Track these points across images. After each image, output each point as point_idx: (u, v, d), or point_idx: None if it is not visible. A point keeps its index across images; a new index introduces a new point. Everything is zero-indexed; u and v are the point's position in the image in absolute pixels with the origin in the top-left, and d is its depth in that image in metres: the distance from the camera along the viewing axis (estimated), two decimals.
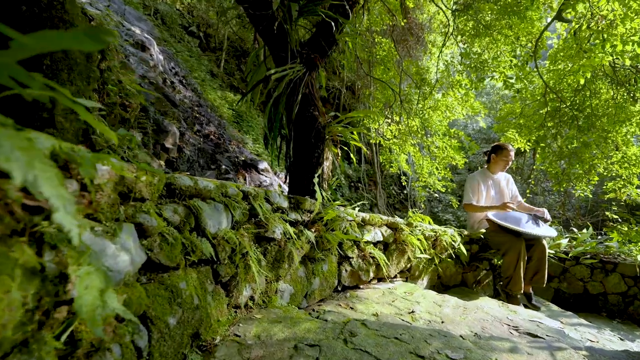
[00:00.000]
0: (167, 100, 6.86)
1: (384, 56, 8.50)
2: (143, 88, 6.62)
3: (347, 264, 2.00)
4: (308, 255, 1.70)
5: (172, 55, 9.25)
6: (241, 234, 1.17)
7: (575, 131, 6.64)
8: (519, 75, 6.73)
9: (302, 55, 3.15)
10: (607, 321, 3.28)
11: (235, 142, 8.03)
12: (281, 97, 3.06)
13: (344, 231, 1.88)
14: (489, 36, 6.88)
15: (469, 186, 3.07)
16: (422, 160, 7.98)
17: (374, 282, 2.23)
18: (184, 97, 7.90)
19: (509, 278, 2.75)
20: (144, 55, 7.42)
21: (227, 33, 12.48)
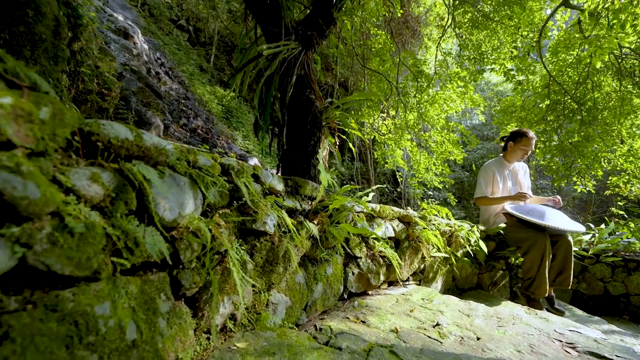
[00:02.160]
0: (151, 91, 6.41)
1: (380, 49, 8.20)
2: (125, 76, 6.14)
3: (354, 265, 1.64)
4: (309, 255, 1.34)
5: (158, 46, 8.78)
6: (217, 224, 0.80)
7: (577, 125, 6.42)
8: (520, 67, 6.49)
9: (298, 32, 2.78)
10: (634, 326, 3.00)
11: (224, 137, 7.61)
12: (274, 77, 2.69)
13: (352, 224, 1.52)
14: (488, 27, 6.63)
15: (483, 178, 2.75)
16: (419, 156, 7.69)
17: (384, 286, 1.88)
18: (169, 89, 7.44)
19: (532, 279, 2.43)
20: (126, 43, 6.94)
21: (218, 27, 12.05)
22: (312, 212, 1.33)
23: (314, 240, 1.29)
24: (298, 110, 2.84)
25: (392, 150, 7.92)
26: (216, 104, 9.12)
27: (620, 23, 3.33)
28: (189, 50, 10.79)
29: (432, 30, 9.71)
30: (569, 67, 6.55)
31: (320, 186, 1.29)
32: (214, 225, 0.76)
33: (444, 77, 7.13)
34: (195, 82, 9.26)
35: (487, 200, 2.72)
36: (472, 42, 6.92)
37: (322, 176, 1.27)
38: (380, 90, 7.94)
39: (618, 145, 5.84)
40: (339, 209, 1.39)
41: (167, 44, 9.54)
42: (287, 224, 1.03)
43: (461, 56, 7.09)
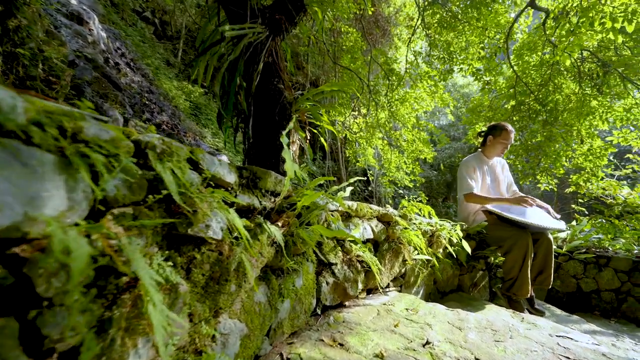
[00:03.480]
0: (109, 82, 5.83)
1: (351, 47, 8.07)
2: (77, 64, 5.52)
3: (328, 273, 1.38)
4: (272, 266, 1.07)
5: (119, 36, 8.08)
6: (118, 232, 0.51)
7: (540, 125, 6.61)
8: (487, 68, 6.59)
9: (265, 16, 2.51)
10: (606, 322, 2.99)
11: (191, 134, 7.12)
12: (238, 62, 2.40)
13: (326, 225, 1.27)
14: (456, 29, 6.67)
15: (465, 172, 2.59)
16: (390, 154, 7.61)
17: (363, 295, 1.64)
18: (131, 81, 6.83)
19: (513, 280, 2.30)
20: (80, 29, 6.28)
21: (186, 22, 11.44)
22: (275, 211, 1.06)
23: (279, 246, 1.02)
24: (265, 100, 2.58)
25: (363, 148, 7.80)
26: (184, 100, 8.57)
27: (589, 21, 3.36)
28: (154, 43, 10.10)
29: (402, 31, 9.74)
30: (532, 69, 6.74)
31: (286, 179, 1.02)
32: (102, 234, 0.47)
33: (414, 77, 7.11)
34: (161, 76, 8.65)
35: (478, 198, 2.52)
36: (441, 42, 6.95)
37: (287, 165, 1.00)
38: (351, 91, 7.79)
39: (578, 144, 6.05)
40: (309, 206, 1.13)
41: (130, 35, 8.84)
42: (238, 229, 0.75)
43: (431, 56, 7.10)
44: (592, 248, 3.29)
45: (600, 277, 3.20)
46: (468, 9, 6.45)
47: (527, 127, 6.88)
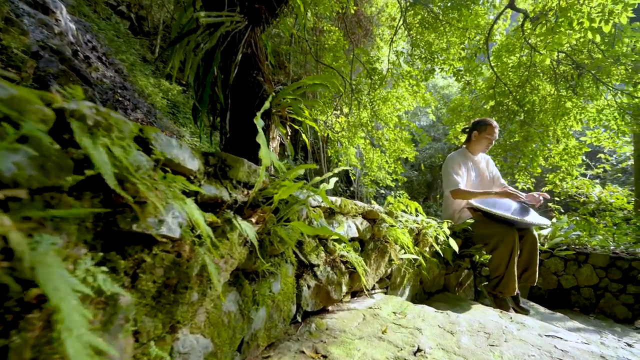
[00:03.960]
0: (78, 76, 5.46)
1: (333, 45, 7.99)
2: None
3: (310, 276, 1.25)
4: (245, 268, 0.93)
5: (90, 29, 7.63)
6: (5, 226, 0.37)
7: (517, 125, 6.74)
8: (468, 68, 6.65)
9: (244, 4, 2.37)
10: (586, 318, 3.01)
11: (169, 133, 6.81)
12: (215, 52, 2.24)
13: (307, 223, 1.14)
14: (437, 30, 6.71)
15: (451, 168, 2.53)
16: (372, 153, 7.57)
17: (347, 298, 1.52)
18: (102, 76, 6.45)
19: (499, 278, 2.25)
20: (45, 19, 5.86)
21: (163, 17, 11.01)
22: (249, 205, 0.92)
23: (252, 246, 0.89)
24: (244, 93, 2.43)
25: (345, 148, 7.72)
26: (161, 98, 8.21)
27: (568, 21, 3.40)
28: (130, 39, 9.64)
29: (384, 31, 9.75)
30: (510, 70, 6.87)
31: (261, 168, 0.89)
32: None
33: (396, 76, 7.10)
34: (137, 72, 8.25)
35: (464, 194, 2.45)
36: (423, 42, 6.97)
37: (262, 152, 0.87)
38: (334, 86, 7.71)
39: (554, 144, 6.19)
40: (287, 201, 1.00)
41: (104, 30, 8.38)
42: (200, 226, 0.61)
43: (412, 55, 7.11)
44: (572, 245, 3.32)
45: (579, 273, 3.23)
46: (449, 10, 6.51)
47: (506, 128, 7.00)
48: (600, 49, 5.45)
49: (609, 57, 5.40)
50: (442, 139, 12.77)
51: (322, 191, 0.98)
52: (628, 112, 5.67)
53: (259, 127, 0.87)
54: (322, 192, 0.98)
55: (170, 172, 0.67)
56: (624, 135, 6.09)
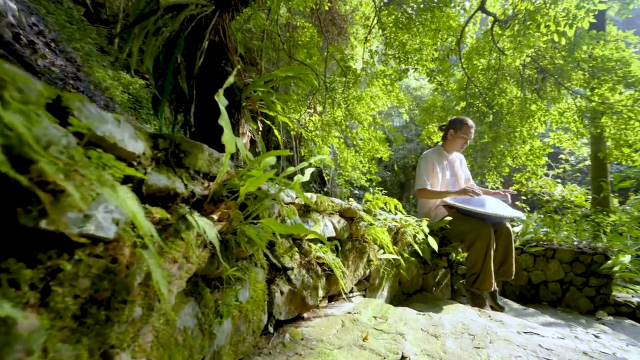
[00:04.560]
0: (19, 62, 4.97)
1: (307, 42, 7.88)
2: None
3: (283, 280, 1.13)
4: (206, 274, 0.79)
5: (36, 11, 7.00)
6: None
7: (487, 127, 6.95)
8: (440, 69, 6.77)
9: None
10: (554, 311, 3.08)
11: None
12: (178, 37, 2.07)
13: (279, 221, 1.01)
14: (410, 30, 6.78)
15: (424, 168, 2.50)
16: (346, 153, 7.53)
17: (324, 303, 1.41)
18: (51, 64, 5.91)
19: (476, 274, 2.23)
20: None
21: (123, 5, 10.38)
22: (210, 199, 0.78)
23: (213, 248, 0.75)
24: (210, 84, 2.26)
25: (319, 147, 7.63)
26: (121, 92, 7.68)
27: (536, 23, 3.51)
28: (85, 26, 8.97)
29: (358, 30, 9.77)
30: (480, 73, 7.07)
31: (224, 156, 0.75)
32: None
33: (370, 75, 7.10)
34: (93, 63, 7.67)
35: (428, 193, 2.47)
36: (397, 42, 7.02)
37: (226, 137, 0.73)
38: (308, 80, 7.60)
39: (521, 145, 6.43)
40: (256, 195, 0.87)
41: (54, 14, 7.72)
42: (141, 224, 0.47)
43: (387, 55, 7.14)
44: (541, 241, 3.40)
45: (547, 268, 3.32)
46: (422, 12, 6.59)
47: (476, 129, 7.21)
48: (562, 54, 5.71)
49: (569, 63, 5.67)
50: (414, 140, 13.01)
51: (296, 184, 0.86)
52: (586, 114, 6.00)
53: (221, 105, 0.74)
54: (297, 186, 0.85)
55: (101, 153, 0.52)
56: (582, 137, 6.44)
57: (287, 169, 0.89)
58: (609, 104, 5.44)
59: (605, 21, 6.52)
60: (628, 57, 5.06)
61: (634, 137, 5.41)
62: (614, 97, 5.40)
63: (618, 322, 3.12)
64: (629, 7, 6.97)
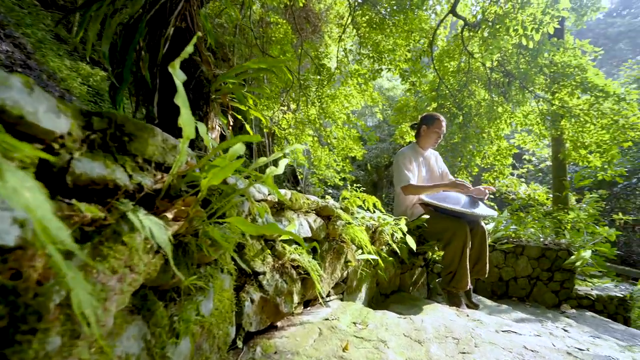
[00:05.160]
0: None
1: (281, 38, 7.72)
2: None
3: (254, 287, 1.00)
4: (159, 285, 0.65)
5: None
6: None
7: (457, 127, 7.13)
8: (413, 69, 6.86)
9: None
10: (523, 306, 3.16)
11: None
12: (140, 21, 1.88)
13: (250, 220, 0.89)
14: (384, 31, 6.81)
15: (403, 163, 2.44)
16: (320, 151, 7.44)
17: (299, 309, 1.30)
18: None
19: (453, 273, 2.21)
20: None
21: None
22: (164, 195, 0.65)
23: (165, 255, 0.61)
24: None
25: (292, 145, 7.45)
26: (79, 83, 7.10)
27: (505, 27, 3.60)
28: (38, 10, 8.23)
29: (332, 28, 9.72)
30: (450, 75, 7.25)
31: (181, 142, 0.62)
32: None
33: (345, 74, 7.07)
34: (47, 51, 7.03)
35: (415, 189, 2.37)
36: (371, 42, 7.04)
37: (183, 118, 0.60)
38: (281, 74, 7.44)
39: (489, 145, 6.65)
40: (222, 191, 0.74)
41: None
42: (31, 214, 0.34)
43: (361, 54, 7.14)
44: (511, 238, 3.48)
45: (517, 265, 3.40)
46: (395, 13, 6.64)
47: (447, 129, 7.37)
48: (526, 59, 5.96)
49: (533, 68, 5.92)
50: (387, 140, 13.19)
51: (268, 178, 0.74)
52: (547, 117, 6.30)
53: (177, 79, 0.60)
54: (269, 180, 0.73)
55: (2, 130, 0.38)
56: (544, 139, 6.77)
57: (257, 160, 0.77)
58: (568, 107, 5.73)
59: (564, 30, 6.89)
60: (585, 64, 5.35)
61: (590, 140, 5.73)
62: (572, 101, 5.69)
63: (580, 315, 3.26)
64: (583, 18, 7.40)
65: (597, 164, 5.55)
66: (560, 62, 5.44)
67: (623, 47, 25.19)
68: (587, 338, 1.69)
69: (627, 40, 25.75)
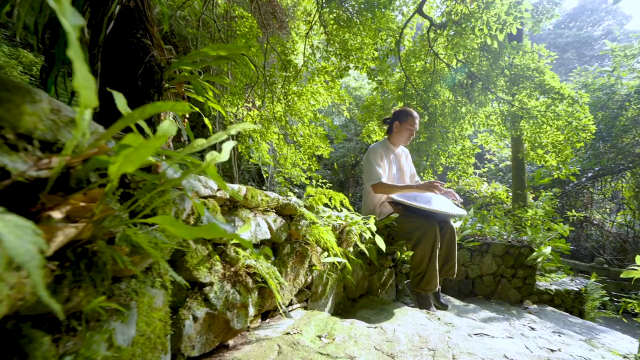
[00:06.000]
0: None
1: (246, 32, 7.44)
2: None
3: (197, 301, 0.83)
4: (45, 314, 0.47)
5: None
6: None
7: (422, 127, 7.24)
8: (380, 68, 6.88)
9: None
10: (489, 304, 3.19)
11: None
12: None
13: (193, 221, 0.71)
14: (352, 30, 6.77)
15: (374, 160, 2.34)
16: (285, 149, 7.26)
17: (256, 323, 1.13)
18: None
19: (422, 274, 2.13)
20: None
21: None
22: (52, 186, 0.46)
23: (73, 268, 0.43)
24: (122, 56, 1.84)
25: (257, 143, 7.25)
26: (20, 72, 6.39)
27: (471, 26, 3.64)
28: None
29: (299, 25, 9.56)
30: (416, 75, 7.35)
31: (78, 111, 0.44)
32: None
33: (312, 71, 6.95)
34: None
35: (385, 188, 2.27)
36: (338, 39, 6.97)
37: (78, 78, 0.43)
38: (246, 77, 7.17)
39: (453, 145, 6.81)
40: (145, 182, 0.57)
41: None
42: None
43: (328, 51, 7.05)
44: (477, 236, 3.52)
45: (482, 262, 3.43)
46: (363, 11, 6.62)
47: None
48: (488, 61, 6.15)
49: (494, 69, 6.13)
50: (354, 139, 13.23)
51: (209, 165, 0.57)
52: (508, 118, 6.55)
53: (66, 23, 0.42)
54: (211, 168, 0.57)
55: None
56: (505, 139, 7.05)
57: (193, 142, 0.60)
58: (527, 109, 5.98)
59: (523, 34, 7.22)
60: (542, 67, 5.60)
61: (546, 140, 6.02)
62: (531, 102, 5.95)
63: (542, 310, 3.35)
64: (540, 25, 7.81)
65: (553, 163, 5.84)
66: (520, 64, 5.66)
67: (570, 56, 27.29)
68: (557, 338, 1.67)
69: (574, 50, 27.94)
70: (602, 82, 8.93)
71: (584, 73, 9.47)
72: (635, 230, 9.31)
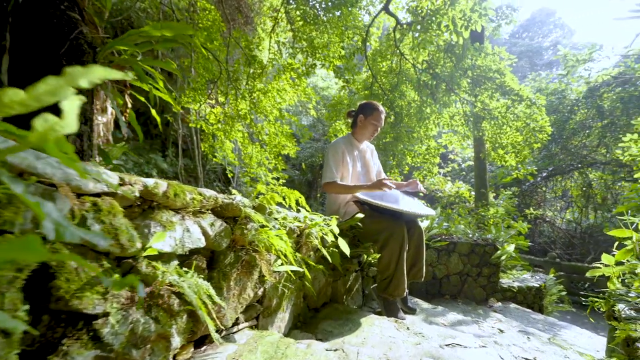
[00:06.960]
0: None
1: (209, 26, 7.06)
2: None
3: (80, 342, 0.58)
4: None
5: None
6: None
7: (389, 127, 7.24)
8: (347, 67, 6.79)
9: None
10: (455, 304, 3.13)
11: None
12: None
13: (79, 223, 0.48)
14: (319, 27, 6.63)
15: (332, 158, 2.17)
16: (250, 148, 6.96)
17: (186, 353, 0.90)
18: None
19: (389, 279, 1.98)
20: None
21: None
22: None
23: None
24: (40, 30, 1.53)
25: (221, 142, 6.89)
26: None
27: (437, 22, 3.60)
28: None
29: (265, 21, 9.28)
30: (383, 75, 7.35)
31: None
32: None
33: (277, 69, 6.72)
34: None
35: (337, 188, 2.14)
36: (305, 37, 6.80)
37: None
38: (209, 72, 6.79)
39: (419, 145, 6.85)
40: None
41: None
42: None
43: (294, 48, 6.86)
44: (443, 235, 3.46)
45: (449, 262, 3.38)
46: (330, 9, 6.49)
47: None
48: (452, 62, 6.25)
49: (458, 70, 6.24)
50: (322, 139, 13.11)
51: (45, 135, 0.35)
52: (470, 119, 6.70)
53: None
54: (50, 144, 0.34)
55: None
56: (468, 139, 7.21)
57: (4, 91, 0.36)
58: (488, 109, 6.12)
59: (484, 37, 7.43)
60: (503, 69, 5.76)
61: (506, 141, 6.20)
62: (492, 103, 6.10)
63: (506, 307, 3.35)
64: (499, 29, 8.10)
65: (512, 163, 6.03)
66: (482, 65, 5.77)
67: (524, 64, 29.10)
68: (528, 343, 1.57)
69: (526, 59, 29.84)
70: (555, 87, 9.47)
71: (537, 79, 9.99)
72: (582, 226, 9.97)
